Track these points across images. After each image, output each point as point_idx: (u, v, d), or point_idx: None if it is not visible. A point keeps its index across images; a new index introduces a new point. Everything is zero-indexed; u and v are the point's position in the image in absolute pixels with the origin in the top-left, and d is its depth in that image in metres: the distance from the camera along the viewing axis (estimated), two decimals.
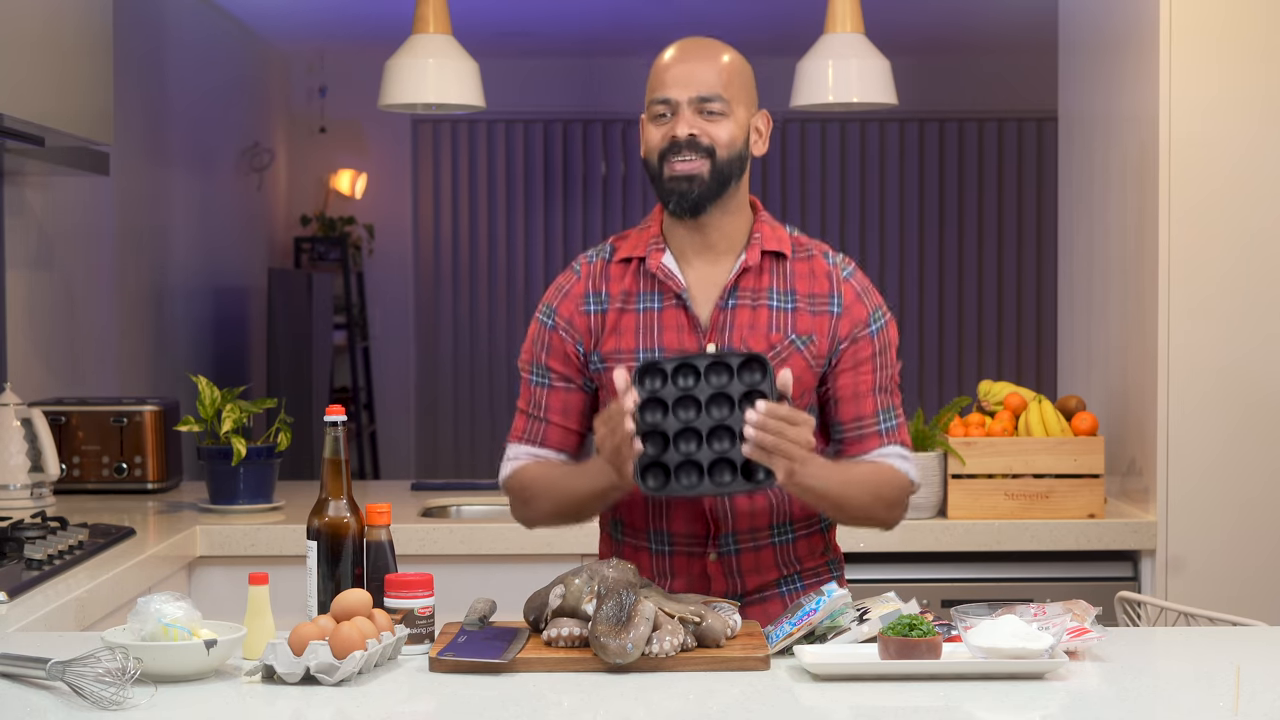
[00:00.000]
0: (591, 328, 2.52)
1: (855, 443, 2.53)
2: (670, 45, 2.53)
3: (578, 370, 2.54)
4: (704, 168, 2.45)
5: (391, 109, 4.35)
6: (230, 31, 7.21)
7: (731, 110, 2.48)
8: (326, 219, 8.43)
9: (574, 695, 2.08)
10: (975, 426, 3.83)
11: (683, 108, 2.46)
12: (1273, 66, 3.76)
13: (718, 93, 2.47)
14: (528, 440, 2.57)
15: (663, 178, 2.47)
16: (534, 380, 2.57)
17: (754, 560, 2.52)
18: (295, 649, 2.10)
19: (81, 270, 4.85)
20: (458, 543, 3.68)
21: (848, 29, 4.32)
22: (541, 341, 2.56)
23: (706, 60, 2.49)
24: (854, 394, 2.52)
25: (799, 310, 2.50)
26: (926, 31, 7.62)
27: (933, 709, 2.03)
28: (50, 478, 3.84)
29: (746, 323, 2.48)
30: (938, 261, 8.85)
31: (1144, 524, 3.76)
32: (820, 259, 2.55)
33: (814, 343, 2.49)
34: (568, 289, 2.56)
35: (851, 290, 2.53)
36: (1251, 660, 2.25)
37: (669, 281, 2.50)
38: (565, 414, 2.56)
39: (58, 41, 3.40)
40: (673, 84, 2.47)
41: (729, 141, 2.47)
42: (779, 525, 2.53)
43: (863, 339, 2.52)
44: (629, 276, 2.52)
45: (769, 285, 2.51)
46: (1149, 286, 3.82)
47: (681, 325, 2.49)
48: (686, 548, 2.52)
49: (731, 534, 2.51)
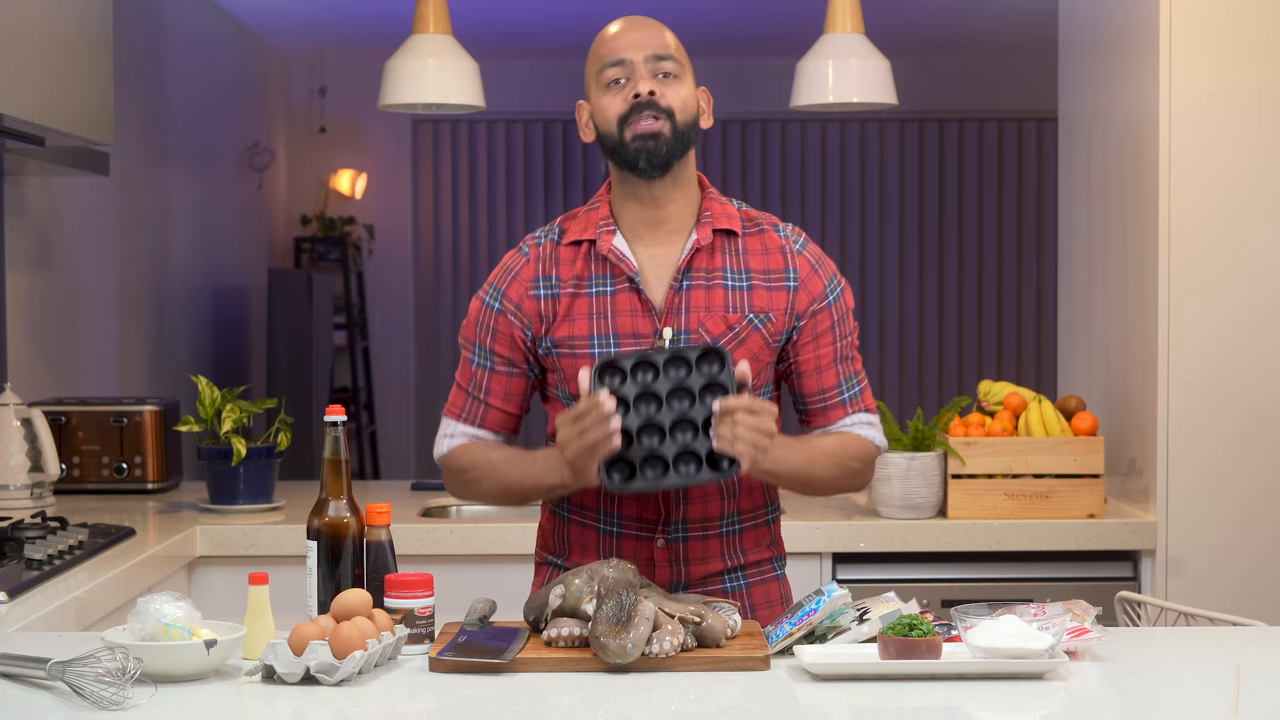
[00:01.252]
0: (542, 312, 2.49)
1: (820, 414, 2.54)
2: (609, 24, 2.53)
3: (523, 355, 2.52)
4: (666, 127, 2.43)
5: (391, 109, 4.35)
6: (230, 31, 7.22)
7: (684, 73, 2.47)
8: (326, 219, 8.44)
9: (574, 695, 2.08)
10: (975, 426, 3.83)
11: (639, 66, 2.45)
12: (1272, 65, 3.76)
13: (670, 53, 2.46)
14: (466, 419, 2.58)
15: (625, 142, 2.44)
16: (475, 361, 2.55)
17: (701, 549, 2.52)
18: (295, 649, 2.10)
19: (81, 270, 4.85)
20: (458, 543, 3.68)
21: (848, 29, 4.32)
22: (486, 324, 2.53)
23: (652, 27, 2.50)
24: (815, 367, 2.52)
25: (755, 288, 2.48)
26: (926, 31, 7.62)
27: (933, 709, 2.03)
28: (50, 478, 3.84)
29: (702, 304, 2.47)
30: (938, 261, 8.85)
31: (1144, 524, 3.76)
32: (772, 233, 2.53)
33: (771, 320, 2.48)
34: (516, 271, 2.52)
35: (806, 263, 2.52)
36: (1251, 660, 2.24)
37: (621, 264, 2.47)
38: (506, 398, 2.55)
39: (58, 41, 3.40)
40: (625, 47, 2.46)
41: (684, 103, 2.45)
42: (727, 515, 2.53)
43: (821, 311, 2.51)
44: (580, 260, 2.50)
45: (722, 264, 2.49)
46: (1149, 286, 3.82)
47: (635, 309, 2.46)
48: (635, 531, 2.51)
49: (682, 521, 2.51)
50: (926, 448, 3.80)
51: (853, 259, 8.83)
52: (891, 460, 3.76)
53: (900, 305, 8.83)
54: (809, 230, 8.81)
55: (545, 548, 2.63)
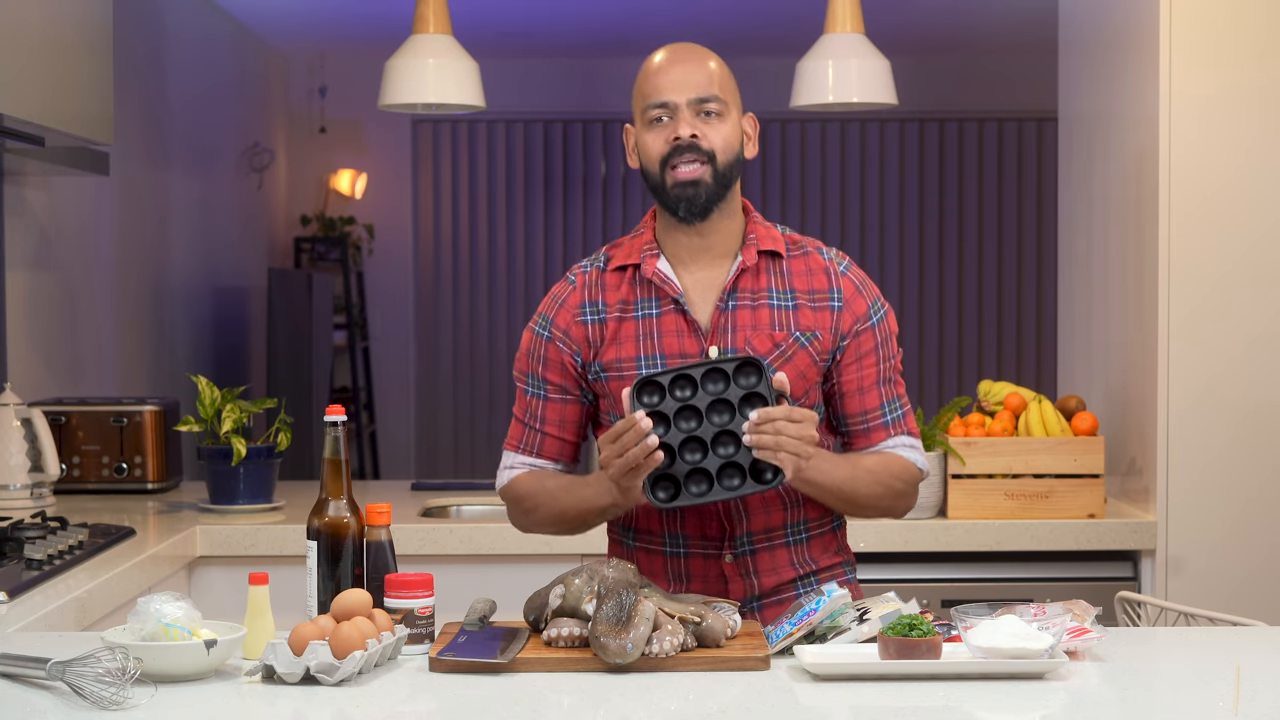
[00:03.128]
0: (590, 338, 2.51)
1: (862, 436, 2.55)
2: (655, 52, 2.53)
3: (574, 381, 2.54)
4: (706, 173, 2.45)
5: (391, 109, 4.35)
6: (230, 31, 7.22)
7: (728, 110, 2.48)
8: (326, 219, 8.44)
9: (574, 695, 2.08)
10: (975, 426, 3.83)
11: (681, 109, 2.46)
12: (1272, 65, 3.76)
13: (714, 93, 2.46)
14: (524, 450, 2.58)
15: (666, 186, 2.47)
16: (529, 391, 2.57)
17: (770, 560, 2.52)
18: (295, 649, 2.10)
19: (81, 270, 4.85)
20: (458, 543, 3.68)
21: (848, 29, 4.32)
22: (537, 354, 2.55)
23: (697, 63, 2.48)
24: (859, 388, 2.53)
25: (800, 307, 2.50)
26: (926, 31, 7.62)
27: (933, 709, 2.03)
28: (50, 478, 3.84)
29: (749, 323, 2.48)
30: (938, 261, 8.85)
31: (1144, 524, 3.76)
32: (816, 255, 2.56)
33: (818, 339, 2.49)
34: (563, 299, 2.55)
35: (850, 284, 2.54)
36: (1251, 660, 2.24)
37: (665, 286, 2.49)
38: (562, 426, 2.56)
39: (58, 41, 3.40)
40: (668, 88, 2.46)
41: (726, 144, 2.47)
42: (793, 525, 2.54)
43: (865, 332, 2.53)
44: (625, 285, 2.52)
45: (767, 285, 2.51)
46: (1149, 286, 3.82)
47: (681, 330, 2.48)
48: (702, 549, 2.52)
49: (746, 534, 2.51)
50: (926, 448, 3.79)
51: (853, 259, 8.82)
52: None
53: (900, 305, 8.82)
54: (809, 230, 8.81)
55: None
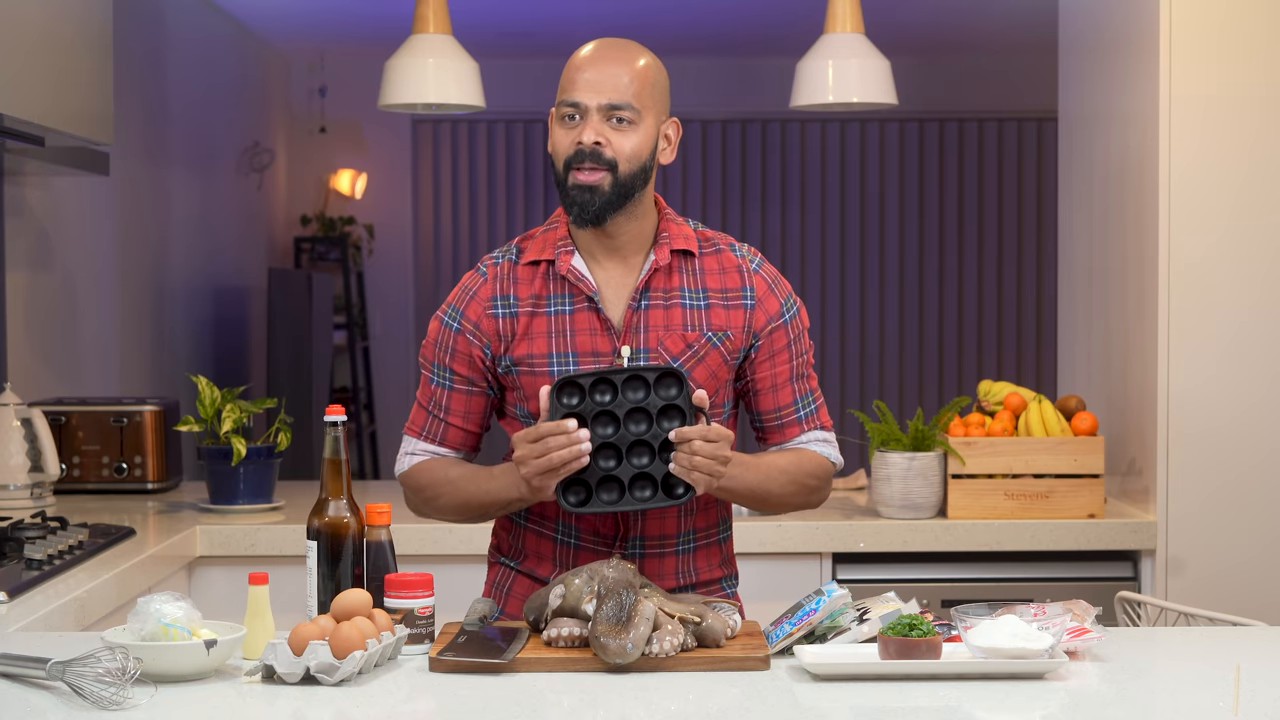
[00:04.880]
0: (500, 331, 2.49)
1: (776, 431, 2.57)
2: (586, 44, 2.49)
3: (481, 374, 2.52)
4: (605, 180, 2.41)
5: (391, 109, 4.35)
6: (230, 31, 7.22)
7: (641, 119, 2.43)
8: (326, 219, 8.44)
9: (574, 695, 2.08)
10: (975, 426, 3.84)
11: (591, 113, 2.42)
12: (1273, 66, 3.76)
13: (628, 100, 2.42)
14: (426, 437, 2.57)
15: (566, 185, 2.44)
16: (434, 380, 2.55)
17: (656, 566, 2.53)
18: (295, 649, 2.10)
19: (81, 270, 4.85)
20: (458, 543, 3.68)
21: (848, 29, 4.32)
22: (445, 344, 2.53)
23: (620, 64, 2.44)
24: (772, 385, 2.54)
25: (712, 306, 2.49)
26: (926, 31, 7.62)
27: (933, 709, 2.03)
28: (50, 478, 3.84)
29: (661, 323, 2.47)
30: (938, 261, 8.85)
31: (1144, 524, 3.76)
32: (728, 253, 2.54)
33: (730, 338, 2.49)
34: (474, 291, 2.52)
35: (763, 282, 2.53)
36: (1251, 660, 2.25)
37: (579, 284, 2.47)
38: (466, 417, 2.55)
39: (58, 41, 3.40)
40: (584, 87, 2.42)
41: (633, 153, 2.42)
42: (684, 534, 2.55)
43: (777, 330, 2.52)
44: (538, 279, 2.50)
45: (680, 284, 2.49)
46: (1149, 286, 3.82)
47: (594, 328, 2.47)
48: (592, 544, 2.52)
49: (639, 537, 2.52)
50: (926, 448, 3.80)
51: (852, 259, 8.83)
52: (891, 460, 3.76)
53: (900, 305, 8.83)
54: (808, 232, 8.82)
55: (499, 549, 2.64)
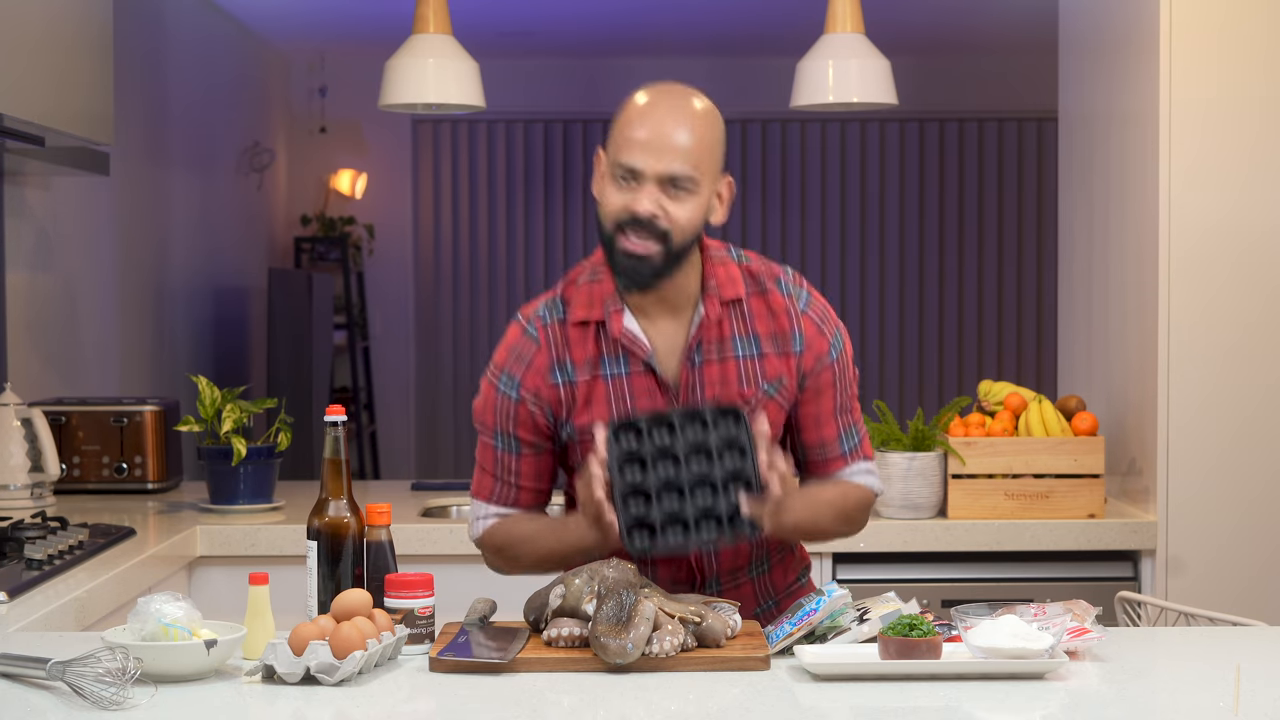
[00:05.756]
0: (561, 399, 2.44)
1: (820, 465, 2.54)
2: (641, 93, 2.37)
3: (547, 436, 2.48)
4: (658, 252, 2.33)
5: (391, 109, 4.35)
6: (230, 31, 7.22)
7: (699, 187, 2.34)
8: (326, 219, 8.44)
9: (574, 695, 2.08)
10: (975, 426, 3.83)
11: (648, 181, 2.32)
12: (1273, 66, 3.76)
13: (688, 171, 2.32)
14: (498, 501, 2.52)
15: (615, 249, 2.35)
16: (499, 447, 2.49)
17: (735, 597, 2.53)
18: (295, 649, 2.10)
19: (81, 270, 4.85)
20: (458, 543, 3.68)
21: (848, 29, 4.32)
22: (506, 412, 2.46)
23: (679, 126, 2.32)
24: (816, 420, 2.51)
25: (765, 355, 2.45)
26: (926, 31, 7.62)
27: (933, 709, 2.03)
28: (50, 478, 3.84)
29: (716, 378, 2.43)
30: (938, 261, 8.85)
31: (1144, 524, 3.76)
32: (776, 293, 2.47)
33: (784, 386, 2.46)
34: (529, 360, 2.44)
35: (811, 324, 2.48)
36: (1251, 660, 2.24)
37: (634, 347, 2.41)
38: (537, 478, 2.51)
39: (58, 41, 3.40)
40: (641, 152, 2.31)
41: (687, 224, 2.33)
42: (757, 560, 2.55)
43: (825, 369, 2.49)
44: (590, 341, 2.42)
45: (731, 333, 2.44)
46: (1149, 286, 3.82)
47: (652, 390, 2.42)
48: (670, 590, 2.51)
49: (715, 578, 2.52)
50: (926, 448, 3.80)
51: (852, 259, 8.83)
52: (891, 460, 3.76)
53: (900, 305, 8.83)
54: (808, 231, 8.82)
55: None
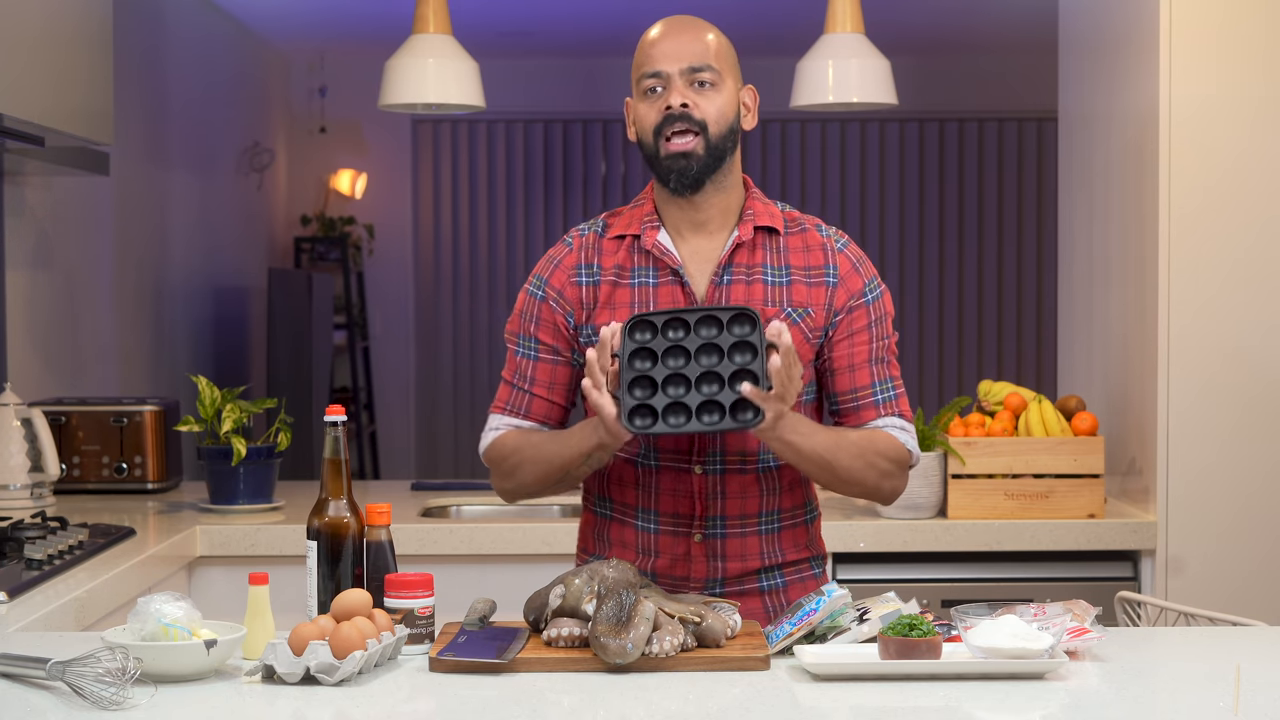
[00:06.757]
0: (583, 300, 2.52)
1: (852, 414, 2.53)
2: (654, 24, 2.54)
3: (566, 343, 2.54)
4: (699, 144, 2.45)
5: (391, 109, 4.35)
6: (230, 31, 7.22)
7: (722, 80, 2.49)
8: (326, 219, 8.44)
9: (574, 695, 2.08)
10: (975, 426, 3.83)
11: (674, 79, 2.47)
12: (1272, 65, 3.76)
13: (708, 63, 2.47)
14: (510, 411, 2.57)
15: (659, 155, 2.48)
16: (520, 351, 2.57)
17: (739, 546, 2.52)
18: (295, 649, 2.10)
19: (81, 270, 4.85)
20: (458, 543, 3.68)
21: (848, 29, 4.32)
22: (530, 313, 2.56)
23: (692, 33, 2.50)
24: (849, 365, 2.52)
25: (794, 283, 2.50)
26: (926, 31, 7.62)
27: (933, 709, 2.03)
28: (50, 478, 3.84)
29: (742, 297, 2.48)
30: (938, 261, 8.85)
31: (1144, 524, 3.76)
32: (814, 232, 2.55)
33: (811, 315, 2.49)
34: (559, 260, 2.55)
35: (847, 261, 2.54)
36: (1251, 660, 2.24)
37: (665, 258, 2.50)
38: (551, 387, 2.55)
39: (58, 41, 3.40)
40: (662, 57, 2.48)
41: (719, 115, 2.47)
42: (767, 513, 2.54)
43: (858, 309, 2.52)
44: (622, 251, 2.52)
45: (763, 260, 2.51)
46: (1149, 286, 3.82)
47: (677, 301, 2.49)
48: (672, 527, 2.52)
49: (720, 517, 2.51)
50: (926, 448, 3.80)
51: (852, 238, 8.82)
52: None
53: (900, 305, 8.83)
54: None
55: (585, 549, 2.65)
